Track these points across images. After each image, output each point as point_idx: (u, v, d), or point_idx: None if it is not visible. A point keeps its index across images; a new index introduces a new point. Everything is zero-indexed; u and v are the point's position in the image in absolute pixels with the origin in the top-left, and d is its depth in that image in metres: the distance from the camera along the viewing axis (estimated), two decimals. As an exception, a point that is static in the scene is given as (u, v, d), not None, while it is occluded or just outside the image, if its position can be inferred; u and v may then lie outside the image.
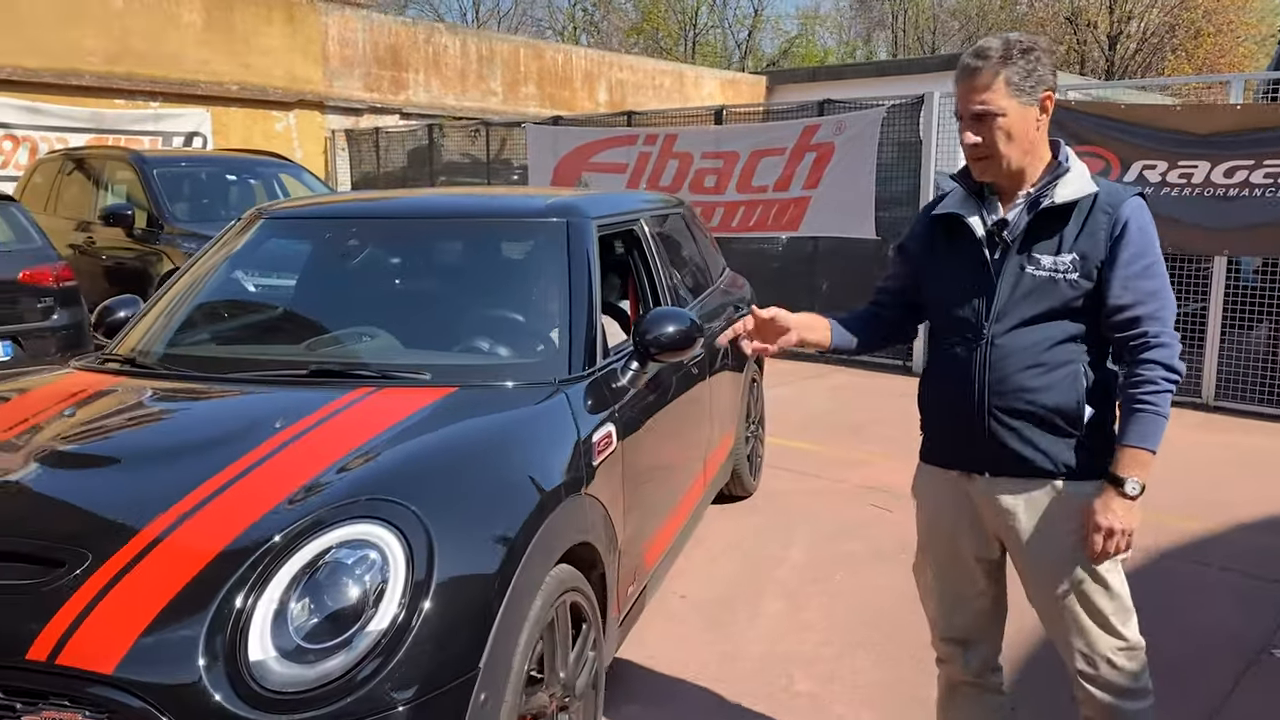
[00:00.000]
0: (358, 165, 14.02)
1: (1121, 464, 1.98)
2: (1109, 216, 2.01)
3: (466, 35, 16.55)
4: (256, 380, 2.71)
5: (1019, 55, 1.96)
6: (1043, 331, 2.02)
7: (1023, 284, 2.03)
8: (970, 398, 2.07)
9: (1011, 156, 2.01)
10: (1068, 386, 2.01)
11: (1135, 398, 1.98)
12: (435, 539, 1.95)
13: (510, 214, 3.37)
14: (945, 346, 2.15)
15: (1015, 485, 2.08)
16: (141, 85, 12.12)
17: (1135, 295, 1.98)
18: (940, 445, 2.22)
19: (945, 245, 2.17)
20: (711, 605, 3.78)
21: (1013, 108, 1.97)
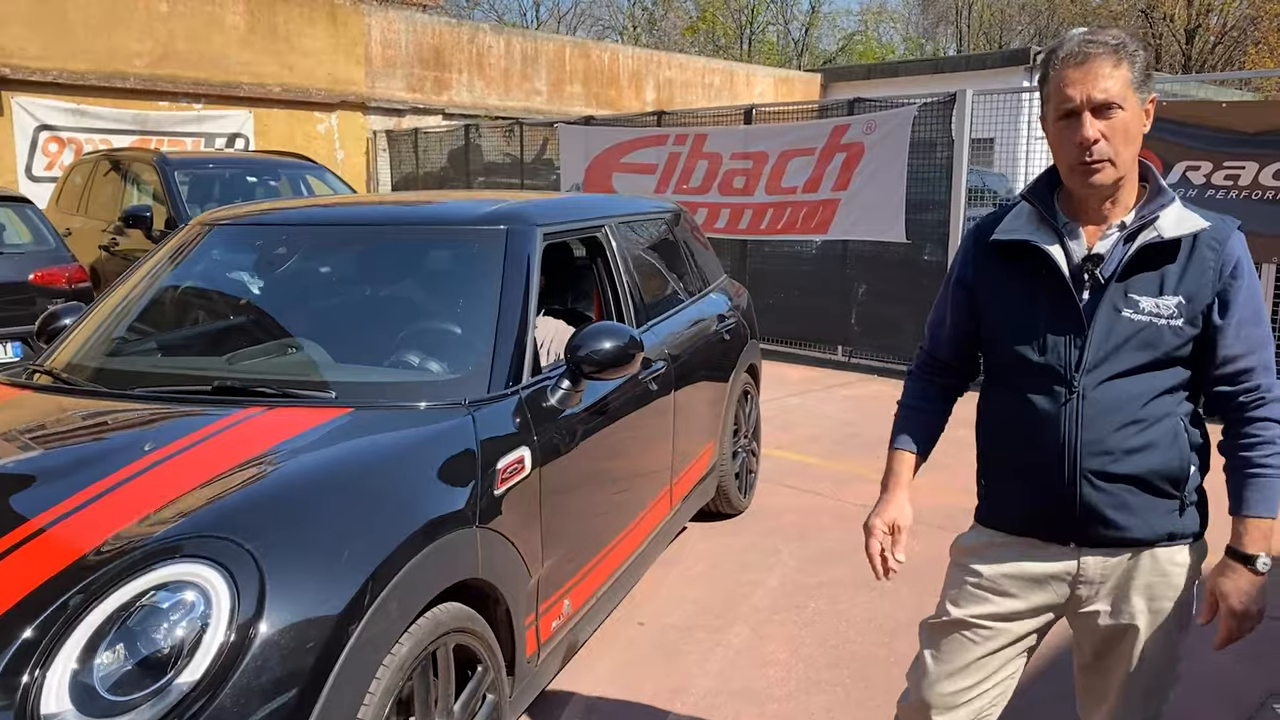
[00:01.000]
0: (397, 166, 14.06)
1: (1248, 539, 1.76)
2: (1216, 254, 1.75)
3: (511, 35, 16.51)
4: (158, 397, 2.59)
5: (1138, 49, 1.72)
6: (1142, 383, 1.77)
7: (1119, 329, 1.76)
8: (1057, 459, 1.80)
9: (1128, 160, 1.74)
10: (1170, 444, 1.77)
11: (1253, 461, 1.75)
12: (269, 580, 1.79)
13: (449, 221, 3.21)
14: (1018, 395, 1.85)
15: (1107, 557, 1.83)
16: (185, 87, 12.31)
17: (1247, 344, 1.76)
18: (1011, 510, 1.91)
19: (1011, 277, 1.87)
20: (671, 633, 3.58)
21: (1133, 103, 1.71)
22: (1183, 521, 1.83)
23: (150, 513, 1.93)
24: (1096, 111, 1.70)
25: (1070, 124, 1.72)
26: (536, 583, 2.63)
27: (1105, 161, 1.72)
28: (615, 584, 3.29)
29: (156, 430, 2.34)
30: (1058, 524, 1.84)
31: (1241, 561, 1.76)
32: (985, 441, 1.96)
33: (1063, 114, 1.73)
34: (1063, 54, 1.73)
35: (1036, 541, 1.88)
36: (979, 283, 1.93)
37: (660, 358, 3.60)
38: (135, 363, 2.86)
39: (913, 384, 2.11)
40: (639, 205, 4.21)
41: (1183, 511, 1.82)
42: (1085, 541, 1.83)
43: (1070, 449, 1.78)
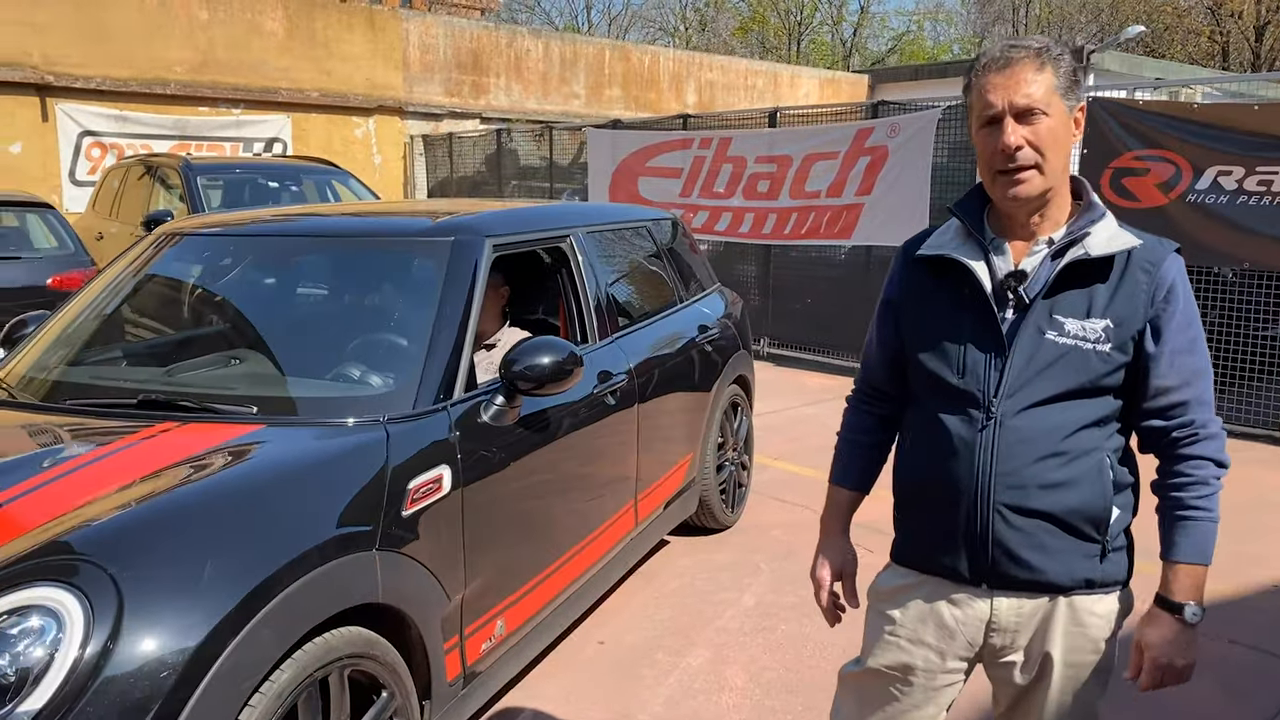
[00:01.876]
0: (433, 171, 14.16)
1: (1176, 586, 1.63)
2: (1149, 277, 1.63)
3: (550, 38, 16.54)
4: (85, 410, 2.58)
5: (1063, 52, 1.63)
6: (1065, 413, 1.64)
7: (1042, 353, 1.64)
8: (970, 491, 1.67)
9: (1056, 170, 1.63)
10: (1093, 481, 1.64)
11: (1184, 502, 1.64)
12: (128, 605, 1.76)
13: (396, 233, 3.16)
14: (934, 420, 1.73)
15: (1019, 600, 1.70)
16: (224, 93, 12.53)
17: (1181, 375, 1.64)
18: (923, 545, 1.78)
19: (936, 295, 1.75)
20: (630, 653, 3.49)
21: (1059, 110, 1.61)
22: (1104, 568, 1.69)
23: (24, 533, 1.91)
24: (1019, 117, 1.61)
25: (993, 131, 1.63)
26: (459, 605, 2.57)
27: (1030, 169, 1.62)
28: (566, 602, 3.22)
29: (64, 446, 2.33)
30: (969, 562, 1.70)
31: (1168, 610, 1.63)
32: (899, 469, 1.83)
33: (985, 121, 1.64)
34: (985, 60, 1.65)
35: (948, 582, 1.75)
36: (904, 301, 1.83)
37: (622, 370, 3.52)
38: (74, 374, 2.85)
39: (849, 415, 1.99)
40: (614, 214, 4.14)
41: (1104, 557, 1.68)
42: (997, 583, 1.70)
43: (983, 480, 1.65)
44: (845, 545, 1.94)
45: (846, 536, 1.95)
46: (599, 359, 3.44)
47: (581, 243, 3.59)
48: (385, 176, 14.21)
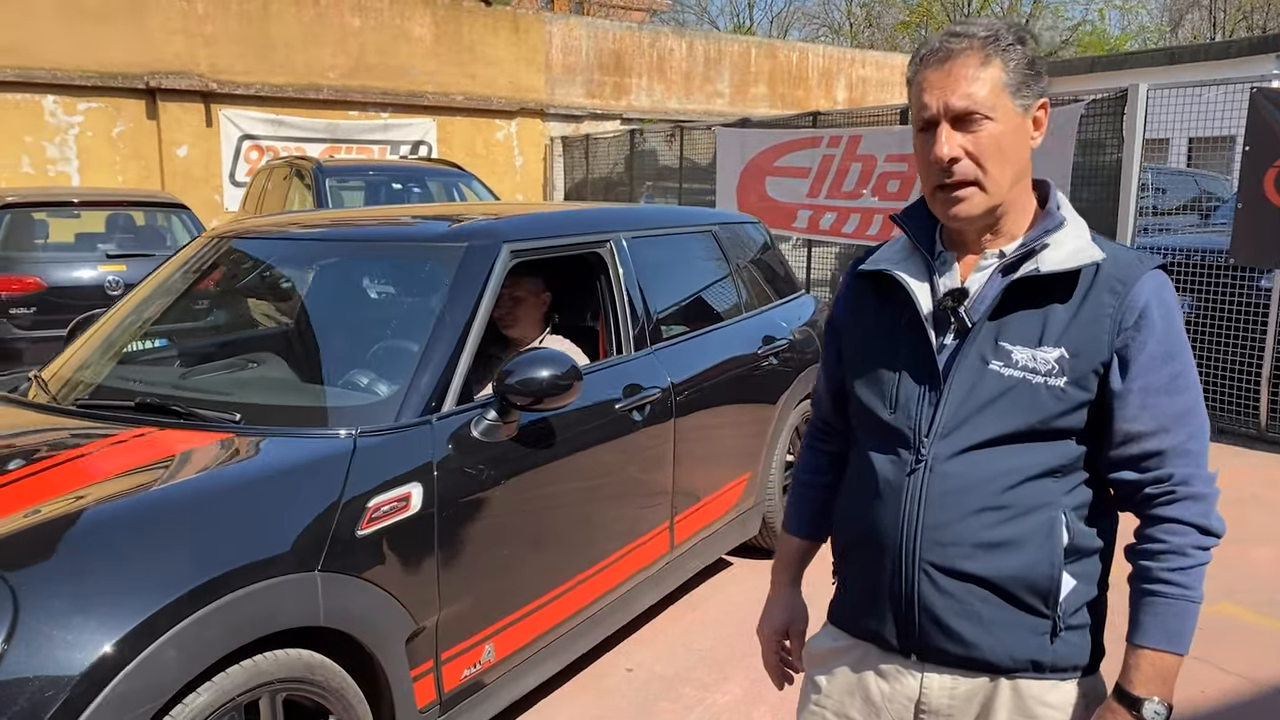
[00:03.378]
0: (570, 172, 14.28)
1: (1137, 676, 1.34)
2: (1117, 298, 1.36)
3: (694, 37, 16.39)
4: (87, 412, 2.61)
5: (1014, 42, 1.36)
6: (1009, 459, 1.37)
7: (984, 386, 1.38)
8: (894, 546, 1.42)
9: (1002, 184, 1.38)
10: (1039, 544, 1.37)
11: (1152, 574, 1.35)
12: (22, 616, 1.73)
13: (411, 238, 3.08)
14: (866, 461, 1.49)
15: (951, 679, 1.44)
16: (373, 98, 13.03)
17: (1157, 419, 1.35)
18: (849, 604, 1.54)
19: (877, 317, 1.52)
20: (656, 684, 3.29)
21: (1007, 111, 1.36)
22: (1054, 649, 1.39)
23: (-44, 537, 1.91)
24: (957, 122, 1.36)
25: (928, 138, 1.39)
26: (434, 628, 2.45)
27: (970, 185, 1.37)
28: (581, 627, 3.05)
29: (42, 447, 2.36)
30: (895, 628, 1.45)
31: (1125, 705, 1.34)
32: (834, 515, 1.60)
33: (921, 125, 1.40)
34: (924, 52, 1.40)
35: (876, 650, 1.50)
36: (845, 323, 1.60)
37: (657, 384, 3.32)
38: (91, 374, 2.91)
39: (803, 453, 1.77)
40: (668, 217, 3.93)
41: (1055, 635, 1.39)
42: (927, 656, 1.44)
43: (908, 533, 1.40)
44: (794, 599, 1.73)
45: (797, 589, 1.74)
46: (629, 371, 3.26)
47: (623, 248, 3.42)
48: (525, 178, 14.45)
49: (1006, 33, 1.37)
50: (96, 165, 11.42)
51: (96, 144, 11.42)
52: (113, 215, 7.41)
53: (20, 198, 6.98)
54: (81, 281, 6.67)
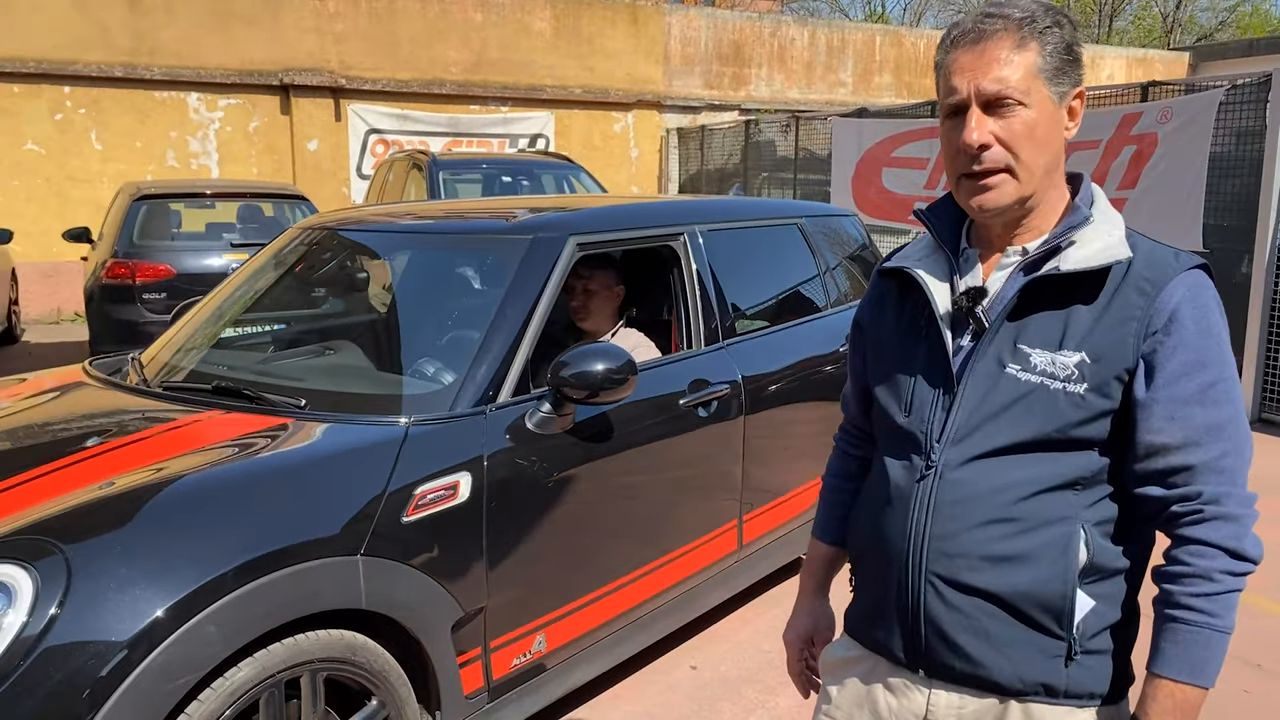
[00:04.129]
0: (685, 163, 14.24)
1: (1154, 708, 1.24)
2: (1146, 299, 1.27)
3: (816, 26, 16.09)
4: (169, 395, 2.75)
5: (1052, 25, 1.29)
6: (1024, 469, 1.30)
7: (999, 391, 1.31)
8: (900, 554, 1.36)
9: (1035, 173, 1.30)
10: (1052, 560, 1.28)
11: (1175, 599, 1.25)
12: (74, 586, 1.83)
13: (479, 231, 3.11)
14: (881, 466, 1.45)
15: (959, 698, 1.37)
16: (494, 92, 13.29)
17: (1186, 431, 1.25)
18: (860, 613, 1.49)
19: (898, 317, 1.47)
20: (719, 684, 3.25)
21: (1041, 98, 1.28)
22: (1069, 673, 1.31)
23: (31, 507, 2.04)
24: (988, 107, 1.29)
25: (956, 123, 1.31)
26: (482, 616, 2.48)
27: (1000, 173, 1.30)
28: (640, 622, 3.04)
29: (120, 425, 2.49)
30: (901, 641, 1.39)
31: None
32: (850, 521, 1.56)
33: (949, 110, 1.33)
34: (955, 33, 1.32)
35: (885, 662, 1.44)
36: (870, 323, 1.55)
37: (726, 379, 3.27)
38: (179, 359, 3.06)
39: (832, 458, 1.72)
40: (748, 210, 3.86)
41: (1070, 659, 1.30)
42: (934, 672, 1.37)
43: (915, 542, 1.34)
44: (820, 606, 1.68)
45: (823, 596, 1.68)
46: (697, 366, 3.22)
47: (696, 241, 3.38)
48: (640, 170, 14.49)
49: (1044, 15, 1.29)
50: (234, 159, 12.05)
51: (234, 138, 12.05)
52: (242, 206, 7.81)
53: (154, 190, 7.41)
54: (209, 269, 7.04)
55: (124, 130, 11.53)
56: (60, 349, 9.57)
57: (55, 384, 2.98)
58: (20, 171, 11.17)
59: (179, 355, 3.10)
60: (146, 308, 6.85)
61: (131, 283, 6.83)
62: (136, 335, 6.75)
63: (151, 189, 7.43)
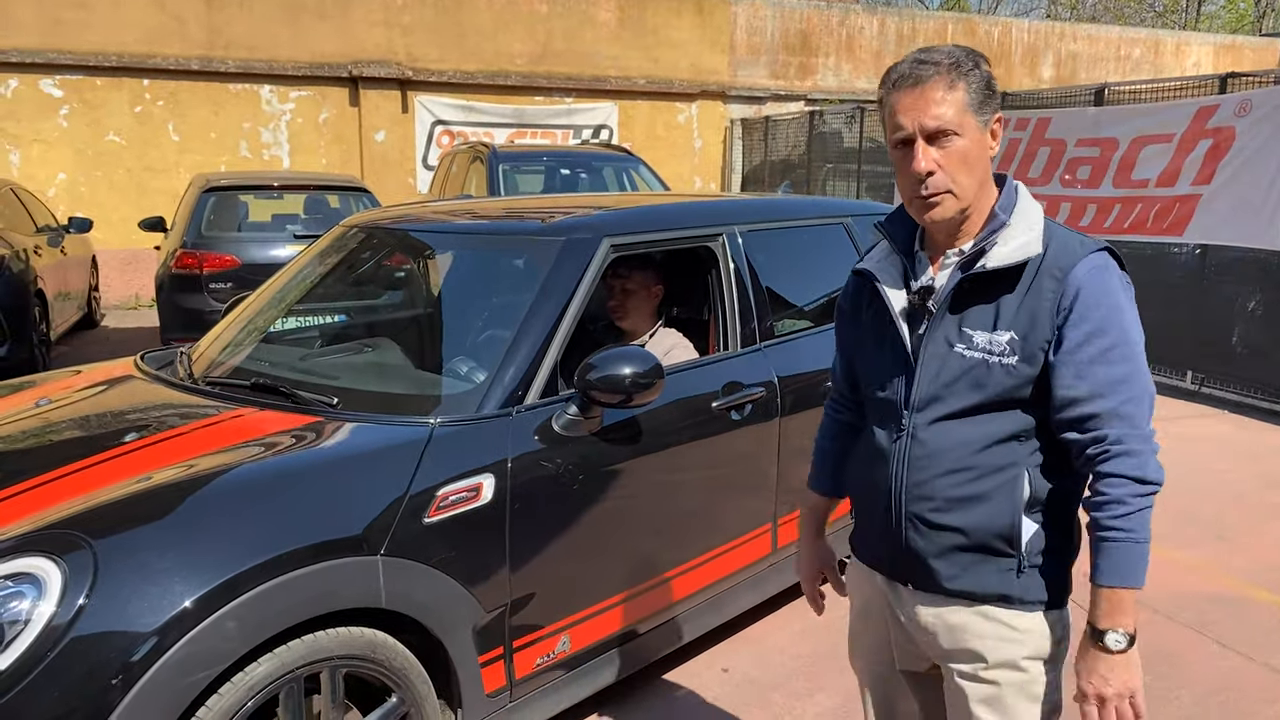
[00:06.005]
0: (749, 154, 14.13)
1: (1099, 611, 1.57)
2: (1056, 283, 1.59)
3: (886, 15, 15.80)
4: (208, 391, 2.82)
5: (971, 67, 1.60)
6: (976, 427, 1.64)
7: (949, 366, 1.65)
8: (887, 497, 1.73)
9: (970, 190, 1.63)
10: (1003, 498, 1.62)
11: (1100, 523, 1.57)
12: (100, 580, 1.89)
13: (513, 232, 3.12)
14: (869, 429, 1.82)
15: (937, 605, 1.73)
16: (558, 83, 13.35)
17: (1091, 386, 1.56)
18: (862, 540, 1.89)
19: (867, 310, 1.82)
20: (750, 687, 3.23)
21: (971, 128, 1.60)
22: (1020, 584, 1.66)
23: (63, 502, 2.12)
24: (931, 139, 1.60)
25: (905, 153, 1.63)
26: (505, 617, 2.51)
27: (944, 193, 1.62)
28: (670, 625, 3.04)
29: (159, 421, 2.57)
30: (890, 565, 1.79)
31: (1093, 638, 1.58)
32: (847, 473, 1.92)
33: (896, 142, 1.64)
34: (895, 76, 1.63)
35: (883, 576, 1.83)
36: (850, 312, 1.90)
37: (761, 381, 3.24)
38: (223, 354, 3.14)
39: (823, 420, 2.07)
40: (792, 209, 3.81)
41: (1020, 572, 1.65)
42: (918, 584, 1.74)
43: (896, 490, 1.71)
44: (820, 545, 2.06)
45: (821, 537, 2.07)
46: (731, 368, 3.20)
47: (735, 242, 3.35)
48: (704, 161, 14.43)
49: (966, 59, 1.60)
50: (304, 150, 12.32)
51: (305, 130, 12.31)
52: (308, 198, 7.98)
53: (223, 181, 7.62)
54: (272, 259, 7.20)
55: (200, 122, 11.87)
56: (137, 334, 9.92)
57: (106, 378, 3.09)
58: (102, 162, 11.58)
59: (224, 351, 3.18)
60: (213, 297, 7.04)
61: (199, 272, 7.03)
62: (203, 324, 6.92)
63: (220, 180, 7.64)
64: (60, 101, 11.34)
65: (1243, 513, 4.93)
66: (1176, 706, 3.11)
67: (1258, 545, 4.50)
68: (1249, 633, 3.62)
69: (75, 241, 9.31)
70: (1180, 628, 3.67)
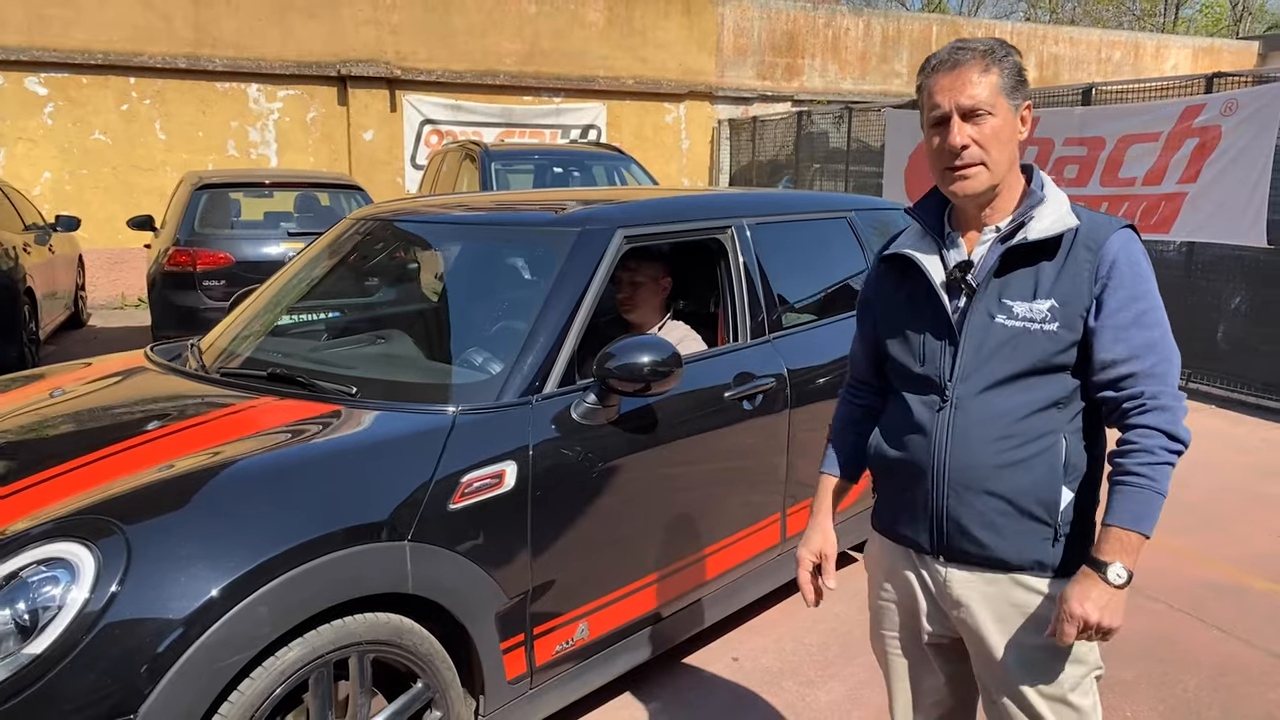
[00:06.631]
0: (736, 155, 14.18)
1: (1105, 547, 1.65)
2: (1092, 254, 1.70)
3: (872, 17, 15.91)
4: (224, 380, 2.82)
5: (1005, 55, 1.72)
6: (1018, 395, 1.72)
7: (992, 336, 1.73)
8: (927, 470, 1.78)
9: (1001, 165, 1.72)
10: (1043, 464, 1.71)
11: (1125, 468, 1.65)
12: (133, 565, 1.90)
13: (527, 223, 3.14)
14: (903, 404, 1.86)
15: (971, 576, 1.80)
16: (547, 82, 13.36)
17: (1129, 348, 1.67)
18: (890, 516, 1.92)
19: (900, 291, 1.89)
20: (759, 676, 3.26)
21: (1004, 109, 1.70)
22: (1054, 552, 1.74)
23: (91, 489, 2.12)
24: (966, 117, 1.70)
25: (941, 131, 1.73)
26: (526, 603, 2.52)
27: (976, 165, 1.71)
28: (683, 614, 3.07)
29: (179, 410, 2.57)
30: (926, 536, 1.82)
31: (1094, 568, 1.65)
32: (874, 446, 1.94)
33: (934, 121, 1.75)
34: (934, 61, 1.75)
35: (910, 553, 1.88)
36: (877, 299, 1.96)
37: (771, 373, 3.27)
38: (236, 345, 3.14)
39: (839, 406, 2.12)
40: (797, 203, 3.85)
41: (1055, 541, 1.73)
42: (951, 556, 1.80)
43: (939, 460, 1.76)
44: (827, 528, 2.05)
45: (829, 520, 2.05)
46: (742, 359, 3.23)
47: (744, 235, 3.38)
48: (692, 161, 14.47)
49: (999, 47, 1.72)
50: (292, 149, 12.26)
51: (293, 129, 12.26)
52: (299, 196, 7.96)
53: (215, 179, 7.58)
54: (266, 256, 7.19)
55: (187, 120, 11.80)
56: (124, 333, 9.86)
57: (119, 368, 3.08)
58: (88, 160, 11.49)
59: (236, 342, 3.18)
60: (206, 294, 7.02)
61: (192, 270, 7.01)
62: (196, 321, 6.92)
63: (212, 178, 7.61)
64: (45, 99, 11.24)
65: (1234, 503, 5.01)
66: (1181, 690, 3.16)
67: (1250, 534, 4.58)
68: (1246, 619, 3.68)
69: (62, 240, 9.24)
70: (1179, 614, 3.72)
